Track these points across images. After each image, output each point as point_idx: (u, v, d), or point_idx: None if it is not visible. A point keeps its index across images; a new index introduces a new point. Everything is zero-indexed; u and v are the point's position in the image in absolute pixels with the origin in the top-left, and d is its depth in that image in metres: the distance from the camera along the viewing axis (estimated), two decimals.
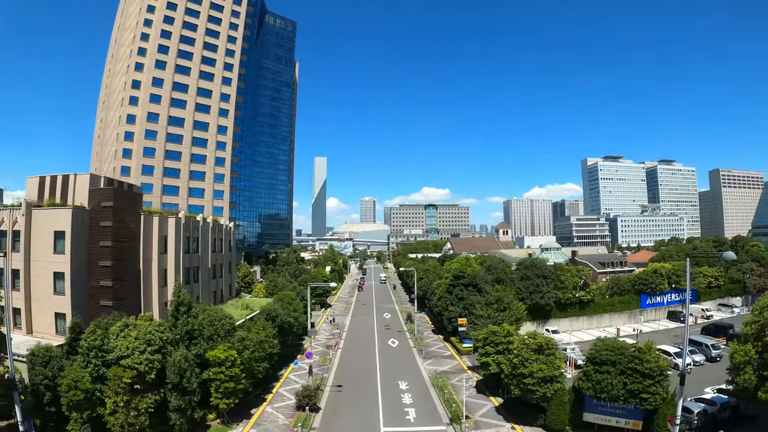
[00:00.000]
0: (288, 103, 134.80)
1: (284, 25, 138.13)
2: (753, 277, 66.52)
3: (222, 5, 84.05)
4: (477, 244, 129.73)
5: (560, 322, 53.48)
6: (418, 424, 27.31)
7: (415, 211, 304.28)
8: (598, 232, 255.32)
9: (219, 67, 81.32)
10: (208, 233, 46.63)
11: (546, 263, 59.23)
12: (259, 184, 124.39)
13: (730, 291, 66.63)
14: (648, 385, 22.62)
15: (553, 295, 51.99)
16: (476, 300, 45.79)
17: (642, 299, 59.24)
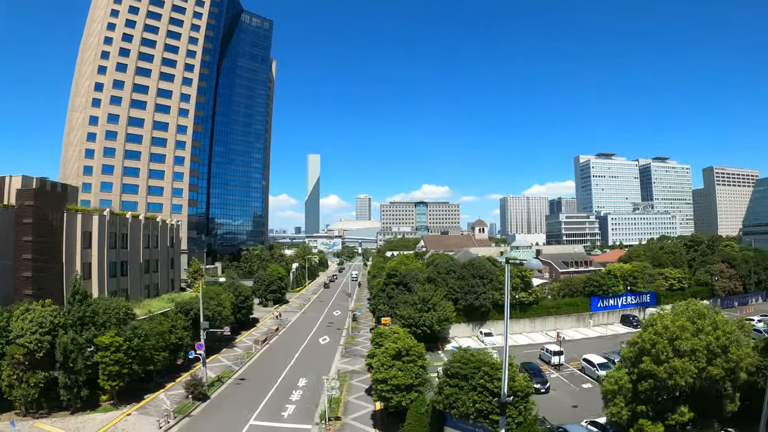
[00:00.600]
0: (263, 101, 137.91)
1: (260, 23, 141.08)
2: (722, 280, 63.29)
3: (184, 7, 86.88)
4: (450, 241, 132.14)
5: (498, 325, 51.34)
6: (289, 421, 28.30)
7: (406, 208, 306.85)
8: (587, 230, 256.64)
9: (179, 69, 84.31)
10: (139, 230, 49.64)
11: (486, 263, 55.77)
12: (232, 182, 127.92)
13: (697, 294, 61.46)
14: (497, 406, 19.77)
15: (490, 296, 50.15)
16: (403, 299, 46.19)
17: (593, 302, 56.24)
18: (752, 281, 65.98)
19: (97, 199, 78.43)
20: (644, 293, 59.48)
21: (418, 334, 42.15)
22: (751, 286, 66.22)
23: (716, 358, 19.75)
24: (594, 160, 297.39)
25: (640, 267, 61.88)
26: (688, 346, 19.51)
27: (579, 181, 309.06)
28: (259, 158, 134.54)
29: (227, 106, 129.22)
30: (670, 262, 67.81)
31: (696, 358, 19.58)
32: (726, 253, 71.74)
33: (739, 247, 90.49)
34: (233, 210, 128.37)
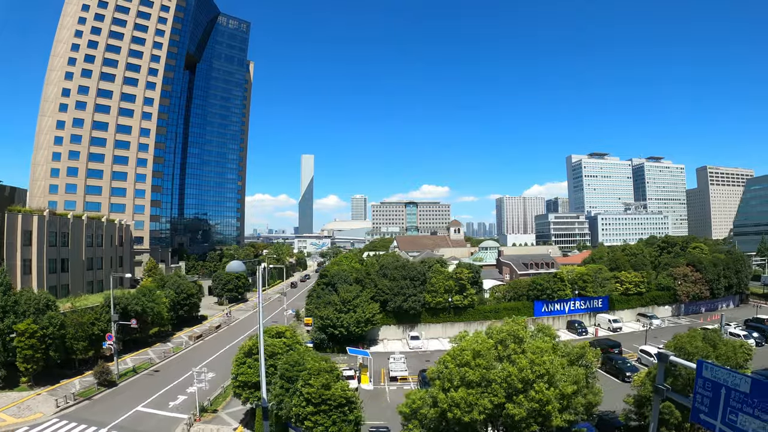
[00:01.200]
0: (239, 103, 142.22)
1: (237, 25, 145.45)
2: (686, 284, 60.06)
3: (149, 13, 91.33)
4: (424, 242, 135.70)
5: (431, 328, 51.42)
6: (171, 410, 31.02)
7: (396, 208, 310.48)
8: (577, 230, 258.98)
9: (143, 73, 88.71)
10: (81, 229, 53.91)
11: (417, 265, 54.70)
12: (207, 182, 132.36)
13: (657, 299, 60.56)
14: (317, 411, 19.68)
15: (420, 299, 49.98)
16: (326, 300, 47.39)
17: (536, 306, 54.26)
18: (721, 286, 62.27)
19: (63, 200, 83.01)
20: (596, 298, 56.70)
21: (335, 335, 44.71)
22: (720, 291, 62.49)
23: (517, 395, 16.66)
24: (586, 159, 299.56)
25: (593, 270, 59.64)
26: (477, 376, 16.82)
27: (571, 181, 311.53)
28: (235, 159, 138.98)
29: (203, 108, 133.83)
30: (630, 265, 64.40)
31: (492, 390, 16.71)
32: (693, 256, 68.09)
33: (710, 249, 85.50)
34: (208, 210, 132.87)
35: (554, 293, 54.39)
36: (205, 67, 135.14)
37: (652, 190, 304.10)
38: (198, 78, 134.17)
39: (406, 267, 51.33)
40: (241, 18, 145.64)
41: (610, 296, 57.83)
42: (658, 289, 61.19)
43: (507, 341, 18.15)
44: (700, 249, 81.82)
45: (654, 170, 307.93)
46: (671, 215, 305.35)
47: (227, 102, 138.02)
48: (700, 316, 59.88)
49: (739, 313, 61.12)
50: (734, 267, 65.28)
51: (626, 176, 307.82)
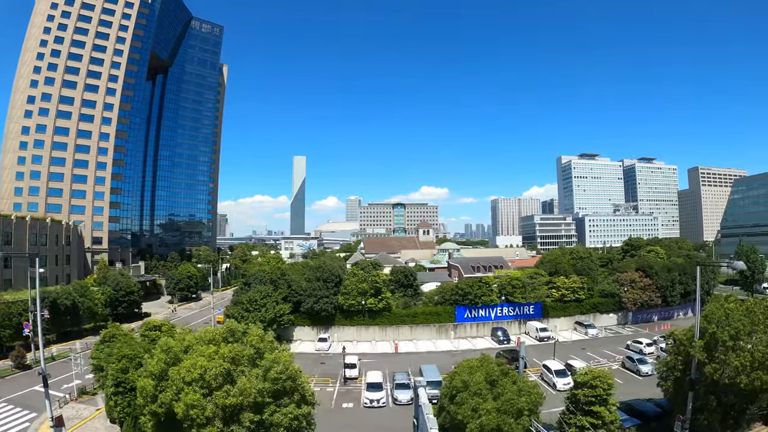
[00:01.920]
0: (211, 106, 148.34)
1: (210, 29, 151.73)
2: (633, 290, 57.03)
3: (110, 21, 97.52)
4: (392, 243, 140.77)
5: (345, 331, 51.82)
6: (63, 391, 35.80)
7: (384, 210, 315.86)
8: (563, 232, 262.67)
9: (104, 80, 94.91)
10: (24, 229, 59.81)
11: (334, 267, 55.56)
12: (177, 184, 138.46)
13: (600, 306, 57.61)
14: (117, 393, 21.30)
15: (334, 301, 50.69)
16: (237, 299, 49.84)
17: (458, 312, 52.88)
18: (676, 293, 59.13)
19: (27, 201, 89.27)
20: (527, 305, 54.66)
21: None
22: (675, 298, 59.45)
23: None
24: (576, 160, 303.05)
25: (528, 274, 58.97)
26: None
27: (561, 183, 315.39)
28: (206, 161, 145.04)
29: (174, 112, 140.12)
30: (574, 270, 61.87)
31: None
32: (644, 260, 64.77)
33: (665, 252, 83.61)
34: (179, 211, 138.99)
35: (478, 298, 52.31)
36: (177, 71, 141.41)
37: (643, 192, 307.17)
38: (170, 82, 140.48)
39: (320, 268, 53.04)
40: (214, 22, 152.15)
41: (543, 303, 55.14)
42: (602, 296, 58.07)
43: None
44: (655, 253, 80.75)
45: (645, 171, 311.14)
46: (663, 217, 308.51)
47: (199, 105, 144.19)
48: (649, 326, 57.09)
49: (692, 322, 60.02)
50: (692, 273, 57.76)
51: (617, 177, 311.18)
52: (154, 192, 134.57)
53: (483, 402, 19.41)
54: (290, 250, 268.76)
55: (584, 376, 21.52)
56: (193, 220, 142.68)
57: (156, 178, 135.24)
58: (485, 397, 19.62)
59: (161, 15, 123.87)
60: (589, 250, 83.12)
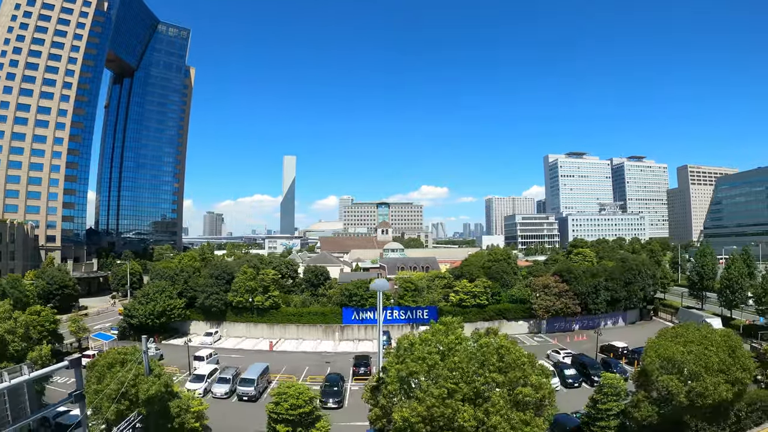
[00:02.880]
0: (176, 108, 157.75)
1: (177, 33, 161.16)
2: (546, 297, 53.98)
3: (65, 31, 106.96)
4: (348, 243, 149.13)
5: (236, 327, 54.68)
6: None
7: (368, 209, 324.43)
8: (546, 231, 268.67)
9: (58, 87, 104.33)
10: None
11: (232, 265, 60.05)
12: (141, 185, 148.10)
13: (506, 313, 55.38)
14: None
15: (224, 298, 53.77)
16: (137, 293, 56.93)
17: (345, 313, 53.51)
18: (601, 300, 55.78)
19: None
20: (420, 308, 54.17)
21: (133, 324, 52.68)
22: (600, 306, 56.03)
23: None
24: (563, 159, 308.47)
25: (430, 276, 59.79)
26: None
27: (548, 182, 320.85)
28: (171, 162, 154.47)
29: (139, 115, 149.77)
30: (484, 272, 60.81)
31: None
32: (563, 264, 63.64)
33: (595, 255, 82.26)
34: (143, 211, 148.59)
35: (365, 300, 52.57)
36: (143, 74, 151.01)
37: (632, 191, 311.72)
38: (135, 85, 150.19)
39: (216, 266, 58.25)
40: (180, 26, 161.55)
41: (438, 307, 54.00)
42: (511, 302, 55.98)
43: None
44: (582, 255, 79.88)
45: (635, 170, 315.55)
46: (653, 216, 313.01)
47: (164, 107, 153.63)
48: (570, 335, 54.33)
49: (621, 333, 53.75)
50: (623, 279, 57.84)
51: (605, 176, 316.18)
52: (119, 192, 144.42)
53: None
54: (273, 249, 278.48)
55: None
56: (156, 219, 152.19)
57: (122, 179, 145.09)
58: None
59: (122, 22, 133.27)
60: (507, 251, 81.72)
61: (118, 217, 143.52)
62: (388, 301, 53.90)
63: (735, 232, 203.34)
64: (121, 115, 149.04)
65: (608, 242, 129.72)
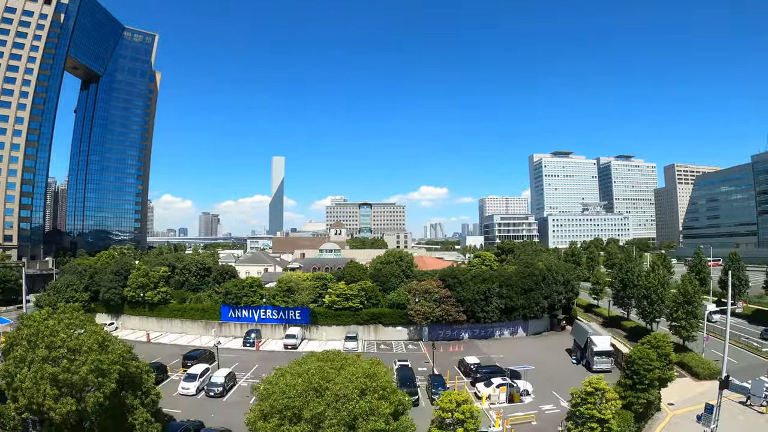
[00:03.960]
0: (140, 112, 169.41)
1: (142, 39, 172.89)
2: (426, 302, 52.45)
3: (23, 43, 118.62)
4: (301, 243, 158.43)
5: (131, 319, 61.28)
6: None
7: (351, 209, 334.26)
8: (525, 232, 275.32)
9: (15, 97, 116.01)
10: None
11: (131, 261, 67.44)
12: (106, 187, 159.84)
13: (383, 317, 54.99)
14: None
15: (119, 292, 60.43)
16: (48, 286, 65.78)
17: (223, 310, 57.07)
18: (492, 308, 53.88)
19: None
20: (293, 309, 55.37)
21: None
22: (491, 314, 54.09)
23: None
24: (547, 158, 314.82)
25: (312, 278, 61.68)
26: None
27: (533, 182, 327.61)
28: (134, 164, 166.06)
29: (104, 119, 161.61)
30: (368, 274, 62.20)
31: None
32: (448, 269, 63.96)
33: (491, 258, 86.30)
34: (107, 213, 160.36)
35: (239, 299, 55.96)
36: (108, 80, 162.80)
37: (619, 190, 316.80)
38: (101, 91, 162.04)
39: (117, 262, 66.60)
40: (146, 31, 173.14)
41: (310, 309, 55.38)
42: (390, 306, 55.60)
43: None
44: (480, 258, 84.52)
45: (622, 169, 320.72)
46: (640, 216, 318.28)
47: (128, 112, 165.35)
48: (455, 344, 52.11)
49: (512, 346, 52.00)
50: (520, 285, 55.79)
51: (591, 176, 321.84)
52: (85, 194, 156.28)
53: None
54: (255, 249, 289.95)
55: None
56: (120, 220, 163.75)
57: (87, 181, 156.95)
58: None
59: (85, 31, 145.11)
60: (399, 253, 79.48)
61: (83, 218, 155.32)
62: (261, 300, 56.99)
63: (708, 234, 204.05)
64: (88, 119, 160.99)
65: (535, 244, 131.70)
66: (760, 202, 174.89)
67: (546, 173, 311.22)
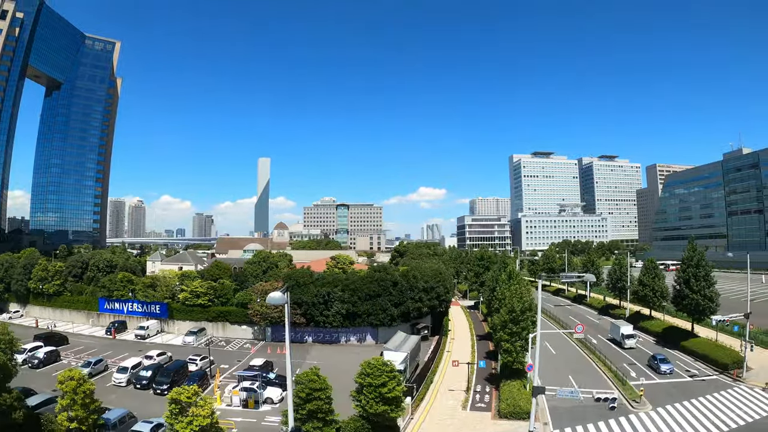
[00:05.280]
0: (99, 117, 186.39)
1: (103, 46, 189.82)
2: (265, 303, 52.63)
3: None
4: (243, 243, 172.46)
5: (34, 308, 71.39)
6: None
7: (328, 210, 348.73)
8: (496, 233, 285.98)
9: None
10: None
11: (36, 256, 76.50)
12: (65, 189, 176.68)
13: (228, 315, 59.87)
14: None
15: (25, 284, 70.43)
16: None
17: (100, 302, 66.72)
18: (334, 312, 54.51)
19: None
20: (154, 303, 63.18)
21: None
22: (333, 319, 54.71)
23: None
24: (527, 159, 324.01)
25: (180, 274, 68.77)
26: None
27: (512, 182, 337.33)
28: (92, 167, 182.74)
29: (65, 125, 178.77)
30: (227, 274, 69.80)
31: None
32: (293, 271, 67.36)
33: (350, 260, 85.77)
34: (66, 214, 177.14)
35: (111, 292, 65.57)
36: (68, 87, 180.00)
37: (601, 191, 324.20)
38: (62, 97, 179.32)
39: (27, 257, 75.38)
40: (107, 39, 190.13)
41: (168, 304, 62.31)
42: (237, 305, 59.56)
43: None
44: (335, 261, 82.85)
45: (605, 169, 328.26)
46: (624, 217, 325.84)
47: (88, 117, 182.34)
48: (298, 347, 52.39)
49: (346, 353, 50.16)
50: (367, 290, 55.94)
51: (572, 176, 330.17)
52: (46, 196, 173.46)
53: None
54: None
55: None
56: (79, 221, 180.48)
57: (48, 184, 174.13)
58: None
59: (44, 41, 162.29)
60: (267, 254, 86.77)
61: (44, 219, 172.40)
62: (129, 294, 65.33)
63: (673, 236, 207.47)
64: (51, 125, 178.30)
65: (432, 247, 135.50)
66: (730, 202, 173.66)
67: (525, 174, 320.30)
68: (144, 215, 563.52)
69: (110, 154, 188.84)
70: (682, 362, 46.08)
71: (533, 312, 37.22)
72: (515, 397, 33.20)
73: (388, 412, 25.74)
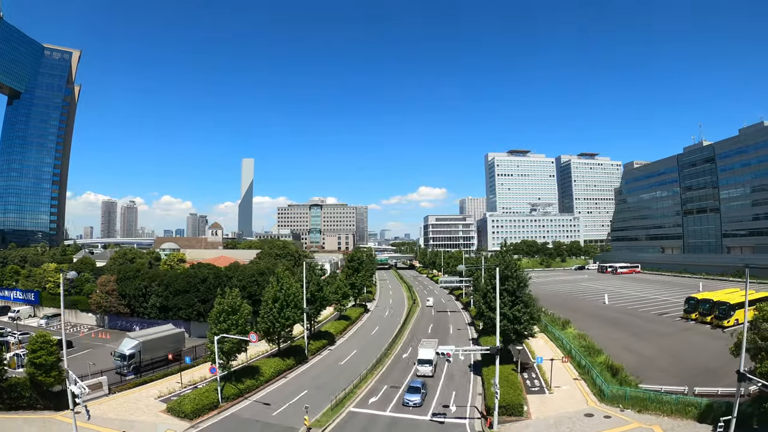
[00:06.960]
0: (56, 124, 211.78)
1: (60, 56, 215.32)
2: (101, 294, 65.45)
3: None
4: (181, 243, 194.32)
5: None
6: None
7: (301, 211, 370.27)
8: (461, 233, 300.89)
9: None
10: None
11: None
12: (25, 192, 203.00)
13: (78, 304, 70.82)
14: None
15: None
16: None
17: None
18: (151, 304, 63.20)
19: None
20: (29, 291, 79.76)
21: None
22: (150, 311, 63.12)
23: None
24: (502, 157, 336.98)
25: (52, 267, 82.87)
26: None
27: (487, 181, 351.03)
28: (49, 171, 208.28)
29: (24, 132, 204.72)
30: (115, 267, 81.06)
31: None
32: (125, 265, 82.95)
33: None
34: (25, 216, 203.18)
35: (2, 282, 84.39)
36: (28, 96, 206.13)
37: (580, 189, 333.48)
38: (21, 106, 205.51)
39: None
40: (64, 49, 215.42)
41: (39, 292, 77.47)
42: (86, 295, 70.16)
43: None
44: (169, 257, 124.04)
45: (583, 168, 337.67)
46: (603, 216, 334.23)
47: (46, 124, 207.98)
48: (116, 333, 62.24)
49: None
50: (177, 285, 62.23)
51: (548, 175, 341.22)
52: (6, 198, 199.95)
53: None
54: None
55: None
56: (37, 222, 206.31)
57: (8, 187, 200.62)
58: None
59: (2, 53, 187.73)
60: (137, 251, 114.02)
61: (3, 220, 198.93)
62: (15, 284, 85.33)
63: (638, 236, 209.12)
64: (11, 132, 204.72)
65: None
66: (685, 200, 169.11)
67: (499, 172, 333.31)
68: (136, 216, 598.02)
69: (68, 158, 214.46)
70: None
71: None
72: None
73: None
